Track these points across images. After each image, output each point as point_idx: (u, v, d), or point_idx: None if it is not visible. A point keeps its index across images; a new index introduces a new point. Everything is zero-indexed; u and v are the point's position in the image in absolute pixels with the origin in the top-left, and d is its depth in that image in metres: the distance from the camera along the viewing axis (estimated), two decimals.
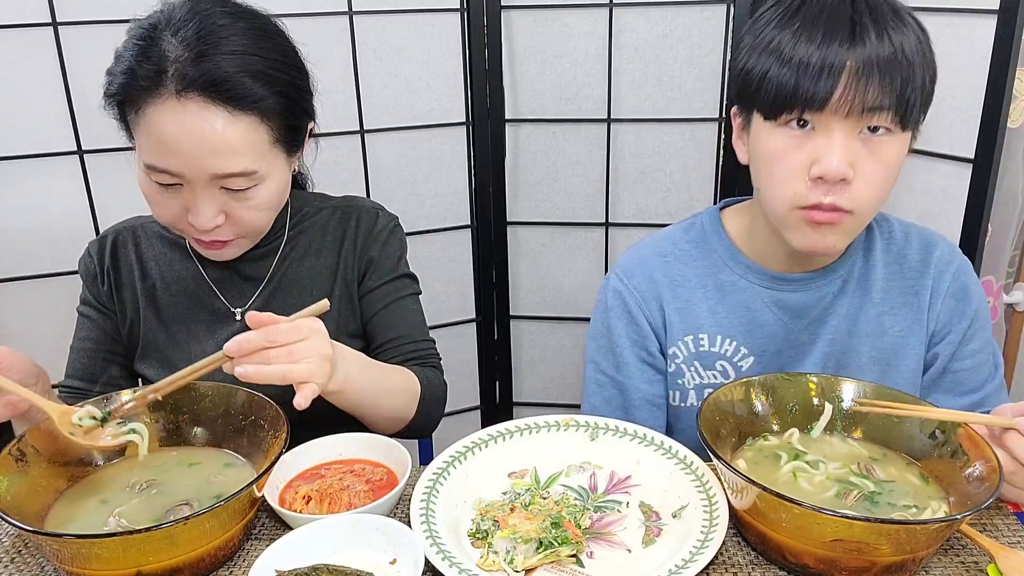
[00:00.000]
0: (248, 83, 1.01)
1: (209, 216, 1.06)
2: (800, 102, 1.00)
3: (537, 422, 1.09)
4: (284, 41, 1.11)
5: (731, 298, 1.19)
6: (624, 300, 1.22)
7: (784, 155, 1.04)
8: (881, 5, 1.01)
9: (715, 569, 0.87)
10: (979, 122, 1.58)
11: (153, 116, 1.00)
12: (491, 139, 2.12)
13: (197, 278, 1.24)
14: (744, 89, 1.07)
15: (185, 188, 1.05)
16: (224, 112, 1.00)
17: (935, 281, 1.17)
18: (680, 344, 1.21)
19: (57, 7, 1.73)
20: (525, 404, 2.41)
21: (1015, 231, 1.83)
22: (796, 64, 1.00)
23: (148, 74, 0.99)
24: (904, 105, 1.00)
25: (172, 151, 1.01)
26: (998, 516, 0.95)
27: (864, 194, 1.03)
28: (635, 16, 2.00)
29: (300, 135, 1.15)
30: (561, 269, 2.26)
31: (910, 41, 1.00)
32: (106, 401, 1.00)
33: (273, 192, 1.11)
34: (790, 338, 1.18)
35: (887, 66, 0.98)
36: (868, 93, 0.98)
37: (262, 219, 1.13)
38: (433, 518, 0.92)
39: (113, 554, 0.80)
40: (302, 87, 1.12)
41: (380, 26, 1.97)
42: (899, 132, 1.02)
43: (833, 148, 1.00)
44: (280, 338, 0.93)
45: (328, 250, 1.27)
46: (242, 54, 1.02)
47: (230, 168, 1.03)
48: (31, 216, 1.84)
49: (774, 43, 1.02)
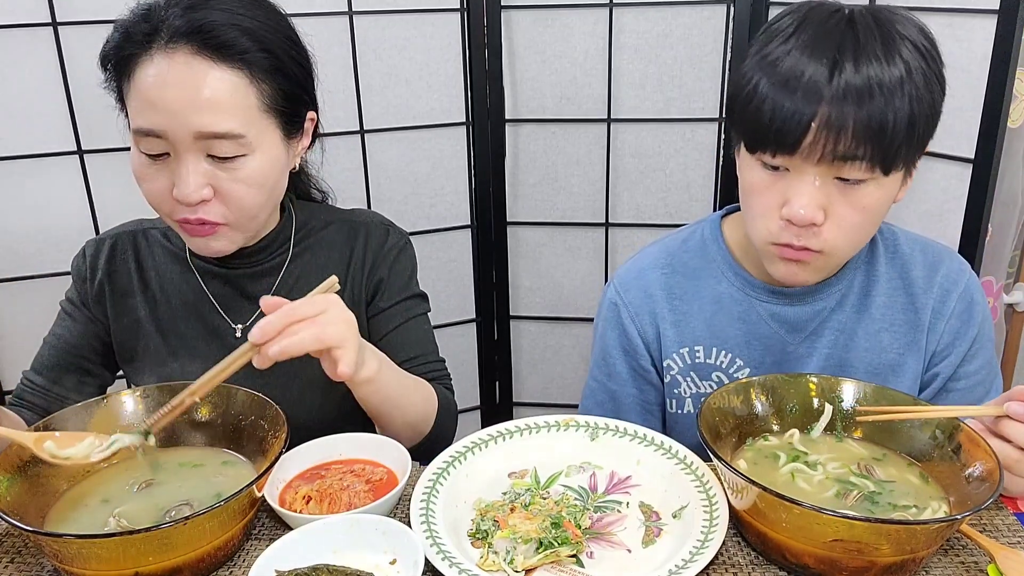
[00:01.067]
0: (235, 34, 1.00)
1: (194, 184, 1.01)
2: (772, 141, 0.98)
3: (537, 422, 1.09)
4: (283, 20, 1.10)
5: (728, 310, 1.18)
6: (618, 312, 1.23)
7: (759, 191, 1.04)
8: (870, 42, 0.96)
9: (715, 569, 0.87)
10: (979, 122, 1.58)
11: (142, 73, 0.99)
12: (491, 139, 2.12)
13: (198, 292, 1.21)
14: (732, 107, 1.06)
15: (172, 159, 1.02)
16: (210, 63, 0.98)
17: (938, 302, 1.15)
18: (675, 356, 1.21)
19: (57, 7, 1.73)
20: (525, 404, 2.41)
21: (1015, 231, 1.83)
22: (771, 104, 0.97)
23: (144, 31, 0.99)
24: (881, 155, 0.96)
25: (157, 107, 0.98)
26: (998, 516, 0.95)
27: (836, 237, 1.02)
28: (635, 16, 2.00)
29: (298, 115, 1.11)
30: (561, 269, 2.26)
31: (895, 82, 0.94)
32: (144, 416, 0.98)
33: (265, 168, 1.06)
34: (787, 351, 1.17)
35: (862, 122, 0.94)
36: (839, 143, 0.95)
37: (253, 198, 1.06)
38: (433, 518, 0.92)
39: (113, 554, 0.80)
40: (298, 60, 1.10)
41: (380, 26, 1.97)
42: (880, 178, 0.99)
43: (802, 192, 0.99)
44: (299, 313, 0.92)
45: (334, 267, 1.23)
46: (233, 12, 1.01)
47: (215, 126, 0.99)
48: (31, 216, 1.84)
49: (764, 63, 0.99)
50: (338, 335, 0.94)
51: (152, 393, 1.03)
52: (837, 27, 0.98)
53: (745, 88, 1.01)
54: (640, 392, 1.25)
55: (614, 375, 1.25)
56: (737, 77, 1.05)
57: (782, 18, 1.03)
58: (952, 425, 0.93)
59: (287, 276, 1.21)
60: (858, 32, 0.97)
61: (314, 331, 0.92)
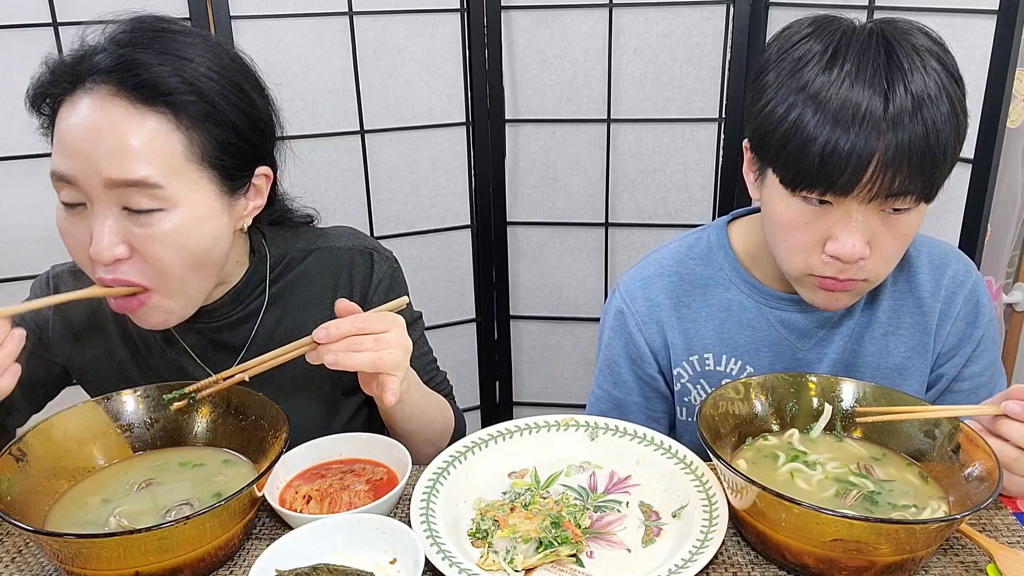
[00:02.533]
0: (162, 74, 0.89)
1: (106, 240, 0.90)
2: (821, 184, 0.94)
3: (537, 422, 1.09)
4: (239, 68, 0.99)
5: (737, 317, 1.17)
6: (625, 321, 1.22)
7: (798, 227, 1.00)
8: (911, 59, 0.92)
9: (715, 569, 0.87)
10: (979, 122, 1.59)
11: (63, 112, 0.92)
12: (491, 139, 2.12)
13: (173, 342, 1.12)
14: (765, 138, 0.98)
15: (87, 210, 0.92)
16: (127, 103, 0.89)
17: (945, 304, 1.15)
18: (685, 364, 1.20)
19: (57, 7, 1.73)
20: (525, 404, 2.41)
21: (1014, 231, 1.83)
22: (824, 143, 0.92)
23: (69, 67, 0.92)
24: (931, 188, 0.95)
25: (70, 150, 0.90)
26: (998, 516, 0.95)
27: (879, 266, 1.01)
28: (635, 16, 2.00)
29: (242, 168, 0.99)
30: (561, 269, 2.27)
31: (943, 110, 0.92)
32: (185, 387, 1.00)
33: (187, 226, 0.93)
34: (796, 357, 1.17)
35: (919, 153, 0.91)
36: (895, 182, 0.92)
37: (172, 260, 0.94)
38: (433, 518, 0.92)
39: (113, 554, 0.80)
40: (244, 110, 0.97)
41: (380, 26, 1.97)
42: (922, 206, 0.98)
43: (850, 230, 0.96)
44: (368, 326, 0.93)
45: (318, 301, 1.14)
46: (172, 53, 0.91)
47: (127, 173, 0.89)
48: (31, 216, 1.84)
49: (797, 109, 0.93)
50: (392, 362, 0.95)
51: (152, 393, 1.03)
52: (876, 51, 0.93)
53: (783, 122, 0.95)
54: (646, 400, 1.24)
55: (620, 383, 1.24)
56: (766, 106, 0.98)
57: (804, 40, 0.97)
58: (951, 425, 0.93)
59: (266, 319, 1.12)
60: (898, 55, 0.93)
61: (371, 356, 0.94)
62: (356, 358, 0.93)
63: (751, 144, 1.04)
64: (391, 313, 0.98)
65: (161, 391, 1.03)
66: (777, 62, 0.99)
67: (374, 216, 2.12)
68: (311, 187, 2.02)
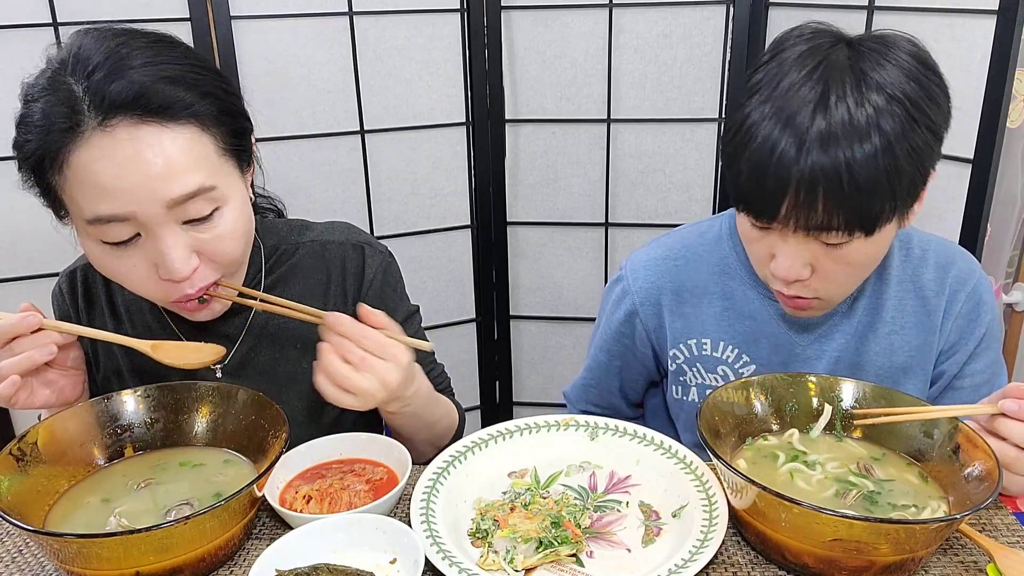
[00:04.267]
0: (170, 90, 0.91)
1: (182, 259, 0.93)
2: (752, 212, 0.99)
3: (537, 422, 1.09)
4: (188, 49, 1.00)
5: (738, 307, 1.19)
6: (624, 294, 1.26)
7: (751, 240, 1.06)
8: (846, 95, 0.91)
9: (715, 569, 0.88)
10: (978, 122, 1.59)
11: (80, 159, 0.89)
12: (491, 139, 2.12)
13: (169, 332, 1.13)
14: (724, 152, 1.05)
15: (144, 239, 0.93)
16: (159, 128, 0.90)
17: (949, 302, 1.15)
18: (682, 346, 1.22)
19: (57, 7, 1.73)
20: (525, 404, 2.41)
21: (1014, 231, 1.83)
22: (748, 177, 0.96)
23: (62, 115, 0.88)
24: (858, 222, 0.93)
25: (113, 191, 0.89)
26: (997, 516, 0.95)
27: (825, 287, 1.03)
28: (635, 16, 2.00)
29: (246, 144, 1.03)
30: (561, 269, 2.27)
31: (866, 146, 0.90)
32: None
33: (239, 215, 0.99)
34: (795, 352, 1.17)
35: (832, 188, 0.91)
36: (811, 217, 0.93)
37: (237, 250, 1.00)
38: (433, 518, 0.92)
39: (113, 554, 0.80)
40: (228, 89, 1.00)
41: (380, 26, 1.98)
42: (864, 237, 0.96)
43: (785, 252, 1.00)
44: (368, 343, 0.96)
45: (311, 295, 1.15)
46: (151, 65, 0.92)
47: (185, 188, 0.91)
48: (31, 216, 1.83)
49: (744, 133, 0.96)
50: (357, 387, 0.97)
51: (152, 393, 1.03)
52: (819, 79, 0.93)
53: (734, 139, 0.99)
54: (624, 365, 1.31)
55: (608, 349, 1.30)
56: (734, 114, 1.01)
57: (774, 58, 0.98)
58: (951, 425, 0.93)
59: (260, 312, 1.14)
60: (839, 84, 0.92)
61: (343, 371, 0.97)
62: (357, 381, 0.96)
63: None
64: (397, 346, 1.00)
65: (161, 391, 1.03)
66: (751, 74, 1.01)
67: (374, 216, 2.12)
68: (311, 187, 2.02)
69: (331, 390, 0.98)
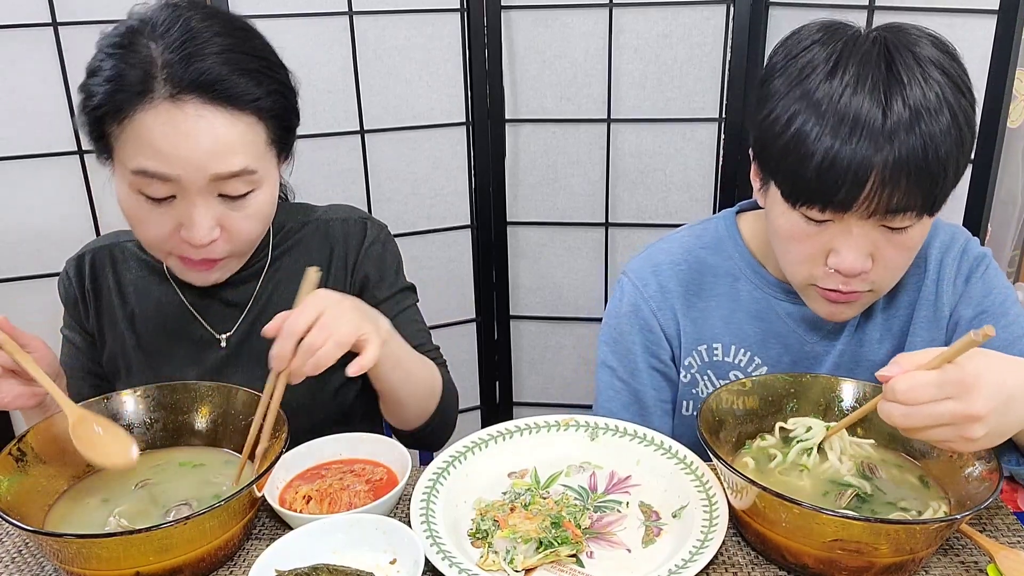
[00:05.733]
0: (243, 82, 0.99)
1: (206, 227, 1.01)
2: (819, 200, 0.94)
3: (537, 422, 1.09)
4: (263, 42, 1.08)
5: (746, 308, 1.17)
6: (638, 307, 1.20)
7: (800, 239, 1.00)
8: (912, 70, 0.92)
9: (715, 569, 0.87)
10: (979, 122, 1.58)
11: (145, 121, 0.96)
12: (491, 139, 2.12)
13: (177, 305, 1.18)
14: (766, 148, 0.99)
15: (179, 200, 1.00)
16: (222, 112, 0.98)
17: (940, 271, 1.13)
18: (694, 354, 1.19)
19: (57, 7, 1.73)
20: (525, 404, 2.41)
21: (1014, 231, 1.83)
22: (820, 159, 0.91)
23: (136, 79, 0.96)
24: (932, 202, 0.94)
25: (169, 156, 0.97)
26: (998, 516, 0.95)
27: (883, 277, 1.01)
28: (635, 16, 2.00)
29: (292, 137, 1.11)
30: (561, 269, 2.27)
31: (943, 123, 0.90)
32: None
33: (269, 199, 1.07)
34: (804, 349, 1.16)
35: (917, 168, 0.90)
36: (894, 198, 0.92)
37: (257, 231, 1.08)
38: (433, 518, 0.92)
39: (113, 554, 0.80)
40: (290, 86, 1.09)
41: (380, 26, 1.97)
42: (925, 218, 0.97)
43: (851, 245, 0.96)
44: (301, 324, 0.92)
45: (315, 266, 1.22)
46: (231, 52, 0.99)
47: (231, 167, 0.99)
48: (31, 216, 1.84)
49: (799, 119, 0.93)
50: (351, 330, 0.94)
51: (152, 393, 1.03)
52: (876, 63, 0.93)
53: (784, 135, 0.95)
54: (658, 392, 1.22)
55: (636, 373, 1.22)
56: (768, 116, 0.98)
57: (808, 49, 0.97)
58: None
59: (267, 281, 1.20)
60: (898, 67, 0.92)
61: (332, 339, 0.92)
62: (324, 351, 0.91)
63: (754, 152, 1.04)
64: (312, 298, 0.95)
65: (161, 391, 1.03)
66: (782, 70, 0.98)
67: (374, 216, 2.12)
68: (311, 187, 2.02)
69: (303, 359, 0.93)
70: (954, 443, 0.80)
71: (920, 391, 0.78)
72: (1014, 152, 1.73)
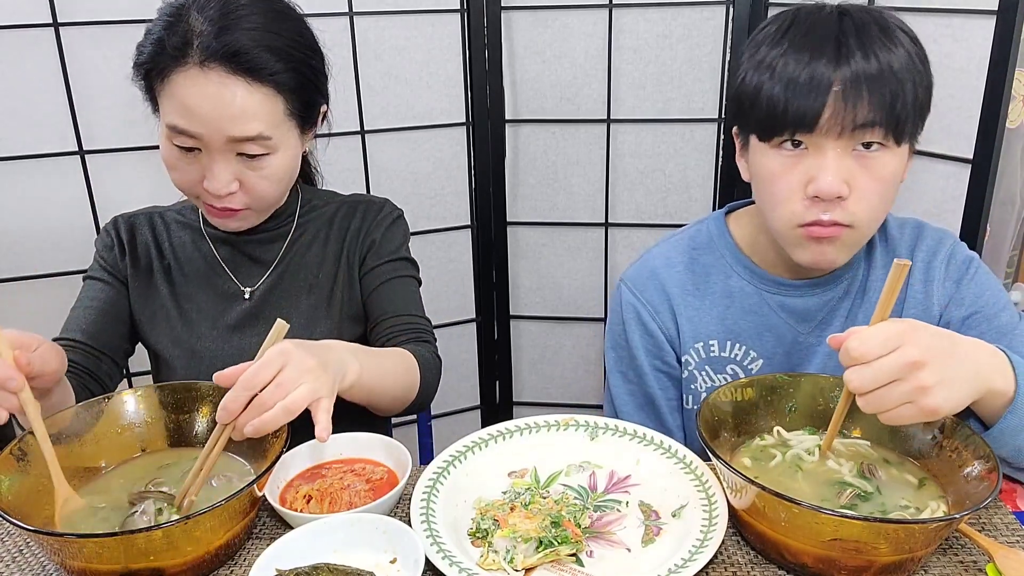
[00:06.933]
0: (265, 57, 1.09)
1: (224, 181, 1.12)
2: (790, 123, 1.02)
3: (537, 422, 1.09)
4: (301, 24, 1.19)
5: (740, 303, 1.21)
6: (638, 313, 1.24)
7: (780, 176, 1.06)
8: (868, 24, 1.03)
9: (714, 568, 0.88)
10: (978, 122, 1.59)
11: (178, 82, 1.08)
12: (491, 139, 2.12)
13: (209, 258, 1.30)
14: (739, 109, 1.10)
15: (203, 154, 1.12)
16: (243, 82, 1.08)
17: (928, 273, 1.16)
18: (692, 351, 1.22)
19: (57, 7, 1.73)
20: (525, 404, 2.41)
21: (1014, 231, 1.83)
22: (784, 85, 1.02)
23: (175, 45, 1.07)
24: (895, 120, 1.01)
25: (194, 115, 1.08)
26: (997, 515, 0.95)
27: (861, 208, 1.04)
28: (635, 16, 2.00)
29: (314, 113, 1.21)
30: (561, 269, 2.27)
31: (899, 58, 1.01)
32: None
33: (285, 164, 1.17)
34: (797, 341, 1.19)
35: (874, 83, 1.00)
36: (857, 111, 1.00)
37: (273, 191, 1.18)
38: (433, 517, 0.92)
39: (114, 553, 0.80)
40: (316, 68, 1.19)
41: (380, 26, 1.98)
42: (894, 147, 1.04)
43: (826, 167, 1.02)
44: (259, 380, 0.89)
45: (334, 238, 1.33)
46: (260, 30, 1.10)
47: (246, 131, 1.09)
48: (31, 216, 1.84)
49: (764, 63, 1.05)
50: (306, 395, 0.90)
51: (152, 393, 1.03)
52: (829, 17, 1.04)
53: (748, 90, 1.06)
54: (664, 392, 1.26)
55: (643, 376, 1.25)
56: (737, 84, 1.10)
57: (766, 26, 1.08)
58: (951, 424, 0.94)
59: (292, 243, 1.32)
60: (853, 19, 1.03)
61: (282, 404, 0.89)
62: (268, 417, 0.88)
63: (734, 120, 1.14)
64: (274, 351, 0.91)
65: (162, 391, 1.03)
66: (748, 47, 1.10)
67: None
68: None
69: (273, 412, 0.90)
70: (914, 402, 0.82)
71: (869, 344, 0.82)
72: (1013, 152, 1.73)
